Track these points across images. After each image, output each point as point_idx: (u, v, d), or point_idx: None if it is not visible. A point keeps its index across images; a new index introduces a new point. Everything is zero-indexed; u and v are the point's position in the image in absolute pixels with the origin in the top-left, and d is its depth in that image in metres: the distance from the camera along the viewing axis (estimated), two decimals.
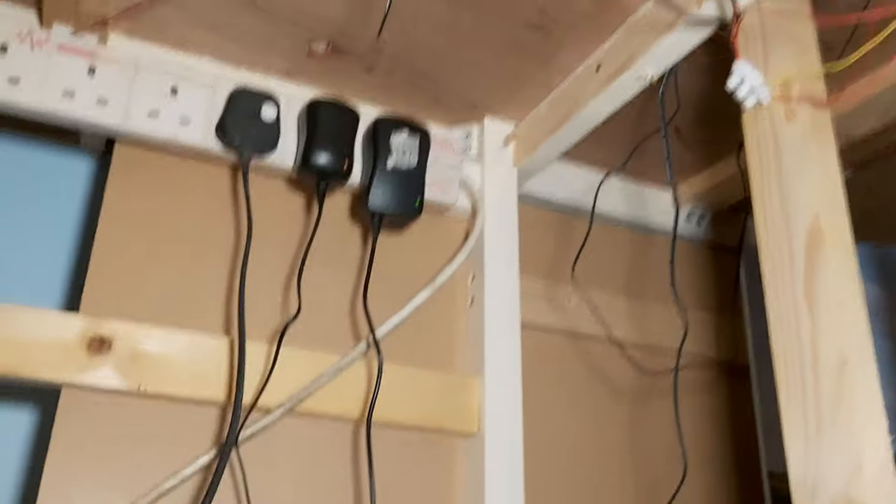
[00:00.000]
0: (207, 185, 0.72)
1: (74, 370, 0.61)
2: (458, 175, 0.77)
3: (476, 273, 0.77)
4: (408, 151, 0.72)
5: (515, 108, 0.79)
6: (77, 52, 0.65)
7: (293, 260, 0.73)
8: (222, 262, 0.71)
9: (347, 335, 0.73)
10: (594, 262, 0.90)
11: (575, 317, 0.86)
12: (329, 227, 0.75)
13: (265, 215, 0.73)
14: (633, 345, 0.88)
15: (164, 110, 0.67)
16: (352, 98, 0.78)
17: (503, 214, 0.79)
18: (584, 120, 0.71)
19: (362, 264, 0.76)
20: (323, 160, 0.68)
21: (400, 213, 0.71)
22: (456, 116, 0.81)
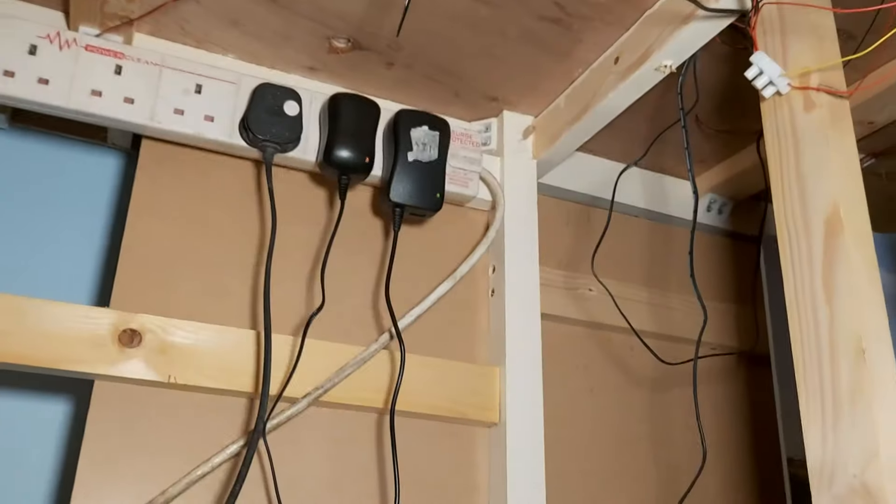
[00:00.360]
0: (232, 179, 0.73)
1: (107, 363, 0.62)
2: (478, 168, 0.78)
3: (496, 264, 0.78)
4: (428, 145, 0.72)
5: (534, 101, 0.79)
6: (104, 52, 0.66)
7: (317, 253, 0.74)
8: (248, 256, 0.71)
9: (370, 326, 0.74)
10: (614, 253, 0.90)
11: (595, 307, 0.86)
12: (351, 221, 0.76)
13: (289, 209, 0.74)
14: (653, 334, 0.88)
15: (189, 108, 0.68)
16: (372, 93, 0.78)
17: (523, 206, 0.79)
18: (603, 112, 0.71)
19: (384, 257, 0.76)
20: (345, 154, 0.69)
21: (421, 206, 0.71)
22: (475, 110, 0.81)
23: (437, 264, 0.78)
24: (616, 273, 0.89)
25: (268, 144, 0.69)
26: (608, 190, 0.86)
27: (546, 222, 0.82)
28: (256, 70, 0.75)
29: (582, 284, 0.87)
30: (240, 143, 0.70)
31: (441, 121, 0.74)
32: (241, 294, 0.70)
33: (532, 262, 0.77)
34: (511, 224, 0.78)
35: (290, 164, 0.73)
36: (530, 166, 0.81)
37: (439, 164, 0.72)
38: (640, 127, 0.85)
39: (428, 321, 0.75)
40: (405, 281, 0.76)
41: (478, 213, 0.82)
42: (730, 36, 0.65)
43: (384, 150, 0.73)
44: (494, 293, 0.77)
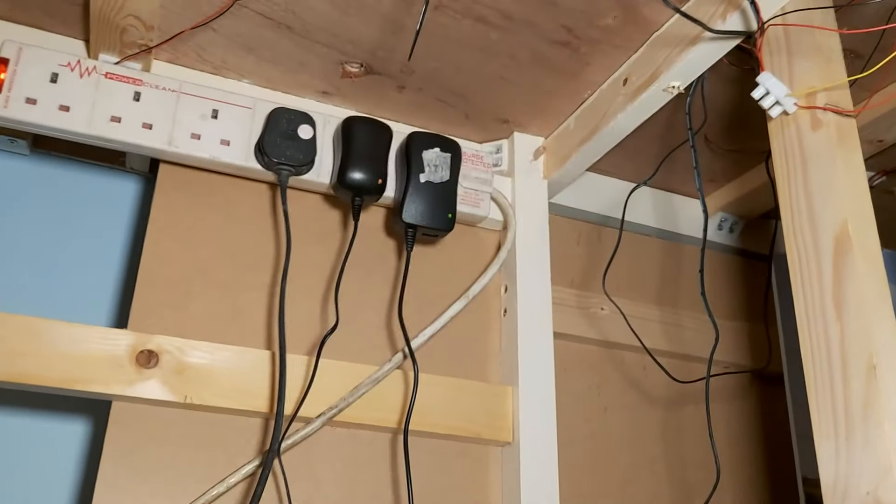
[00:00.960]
0: (248, 202, 0.74)
1: (124, 383, 0.63)
2: (490, 188, 0.78)
3: (509, 284, 0.78)
4: (440, 166, 0.73)
5: (544, 122, 0.80)
6: (123, 79, 0.67)
7: (331, 273, 0.74)
8: (263, 277, 0.72)
9: (384, 346, 0.74)
10: (625, 272, 0.90)
11: (607, 326, 0.86)
12: (365, 241, 0.76)
13: (303, 230, 0.74)
14: (666, 353, 0.88)
15: (205, 132, 0.69)
16: (385, 116, 0.79)
17: (534, 226, 0.79)
18: (613, 132, 0.72)
19: (397, 277, 0.77)
20: (358, 176, 0.69)
21: (433, 227, 0.71)
22: (486, 132, 0.82)
23: (450, 284, 0.78)
24: (628, 292, 0.89)
25: (283, 167, 0.69)
26: (619, 209, 0.87)
27: (557, 242, 0.82)
28: (271, 95, 0.76)
29: (594, 303, 0.87)
30: (255, 166, 0.70)
31: (452, 142, 0.74)
32: (257, 314, 0.71)
33: (544, 281, 0.77)
34: (523, 244, 0.78)
35: (304, 186, 0.74)
36: (541, 186, 0.81)
37: (451, 185, 0.73)
38: (649, 147, 0.85)
39: (441, 341, 0.75)
40: (418, 301, 0.76)
41: (489, 233, 0.82)
42: (737, 57, 0.65)
43: (397, 171, 0.74)
44: (507, 312, 0.78)
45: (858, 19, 0.62)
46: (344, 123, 0.72)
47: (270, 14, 0.66)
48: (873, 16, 0.63)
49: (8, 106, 0.64)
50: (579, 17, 0.65)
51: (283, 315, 0.64)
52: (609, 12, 0.64)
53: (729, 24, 0.58)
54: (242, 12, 0.66)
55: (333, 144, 0.73)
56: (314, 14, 0.66)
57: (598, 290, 0.86)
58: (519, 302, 0.75)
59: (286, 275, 0.65)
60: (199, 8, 0.65)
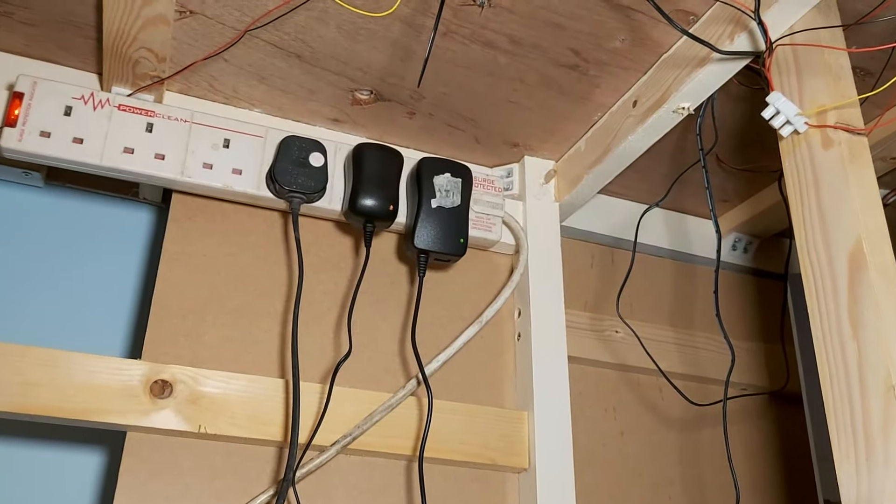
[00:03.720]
0: (260, 230, 0.74)
1: (139, 413, 0.63)
2: (501, 212, 0.78)
3: (522, 308, 0.78)
4: (451, 191, 0.73)
5: (554, 145, 0.80)
6: (135, 111, 0.68)
7: (343, 300, 0.75)
8: (276, 304, 0.72)
9: (397, 373, 0.74)
10: (639, 294, 0.90)
11: (622, 349, 0.86)
12: (377, 268, 0.77)
13: (315, 258, 0.75)
14: (682, 375, 0.87)
15: (217, 161, 0.69)
16: (395, 142, 0.80)
17: (546, 249, 0.79)
18: (624, 154, 0.72)
19: (410, 303, 0.77)
20: (369, 203, 0.70)
21: (445, 252, 0.71)
22: (496, 156, 0.82)
23: (463, 309, 0.79)
24: (642, 314, 0.90)
25: (294, 195, 0.70)
26: (631, 231, 0.87)
27: (570, 265, 0.83)
28: (282, 123, 0.76)
29: (608, 326, 0.87)
30: (267, 194, 0.71)
31: (463, 167, 0.75)
32: (270, 343, 0.71)
33: (557, 304, 0.77)
34: (535, 267, 0.78)
35: (316, 213, 0.74)
36: (553, 209, 0.82)
37: (462, 210, 0.73)
38: (660, 168, 0.85)
39: (455, 366, 0.75)
40: (431, 326, 0.76)
41: (502, 257, 0.83)
42: (746, 76, 0.66)
43: (408, 197, 0.74)
44: (521, 337, 0.78)
45: (868, 37, 0.62)
46: (355, 150, 0.72)
47: (280, 43, 0.67)
48: (882, 33, 0.63)
49: (23, 139, 0.64)
50: (587, 40, 0.65)
51: (296, 342, 0.64)
52: (617, 35, 0.65)
53: (737, 44, 0.59)
54: (253, 42, 0.67)
55: (344, 171, 0.73)
56: (323, 42, 0.67)
57: (612, 312, 0.86)
58: (533, 326, 0.75)
59: (299, 302, 0.66)
60: (210, 39, 0.66)
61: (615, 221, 0.90)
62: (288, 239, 0.75)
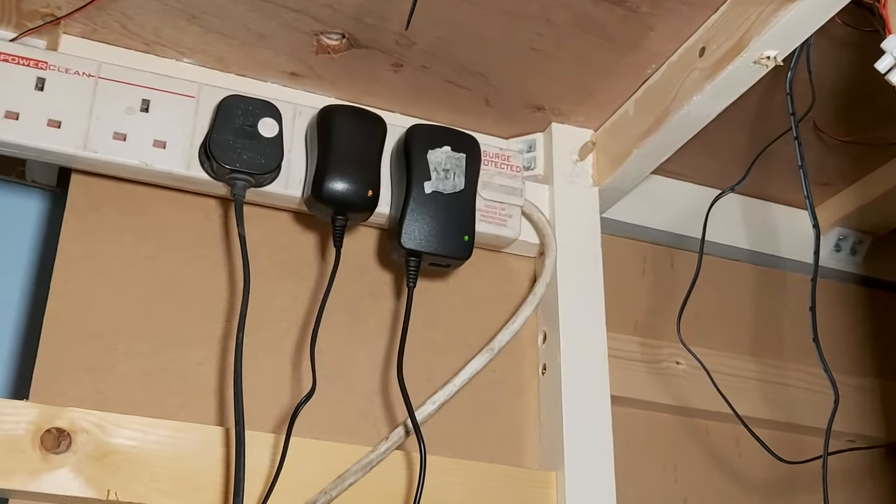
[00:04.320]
0: (191, 224, 0.74)
1: (25, 474, 0.62)
2: (520, 200, 0.78)
3: (548, 331, 0.79)
4: (451, 171, 0.73)
5: (593, 108, 0.80)
6: (21, 61, 0.67)
7: (305, 320, 0.75)
8: (213, 327, 0.72)
9: (378, 419, 0.74)
10: (708, 311, 0.91)
11: (685, 386, 0.87)
12: (351, 276, 0.77)
13: (267, 262, 0.75)
14: (766, 422, 0.88)
15: (133, 131, 0.69)
16: (375, 104, 0.79)
17: (582, 251, 0.80)
18: (687, 121, 0.72)
19: (396, 323, 0.77)
20: (340, 187, 0.70)
21: (444, 254, 0.71)
22: (513, 123, 0.83)
23: (468, 332, 0.79)
24: (712, 339, 0.90)
25: (238, 176, 0.69)
26: (697, 225, 0.86)
27: (615, 272, 0.83)
28: (222, 78, 0.76)
29: (666, 355, 0.87)
30: (201, 175, 0.70)
31: (468, 139, 0.75)
32: (205, 378, 0.71)
33: (597, 326, 0.78)
34: (567, 275, 0.78)
35: (267, 201, 0.74)
36: (591, 196, 0.82)
37: (467, 197, 0.73)
38: (737, 140, 0.86)
39: (456, 410, 0.75)
40: (425, 355, 0.77)
41: (521, 260, 0.83)
42: (853, 15, 0.66)
43: (393, 179, 0.74)
44: (546, 370, 0.78)
45: None
46: (320, 116, 0.72)
47: None
48: None
49: None
50: None
51: (239, 378, 0.63)
52: None
53: None
54: None
55: (306, 144, 0.73)
56: None
57: (672, 336, 0.85)
58: (563, 355, 0.76)
59: (244, 323, 0.65)
60: None
61: (675, 212, 0.91)
62: (230, 237, 0.75)
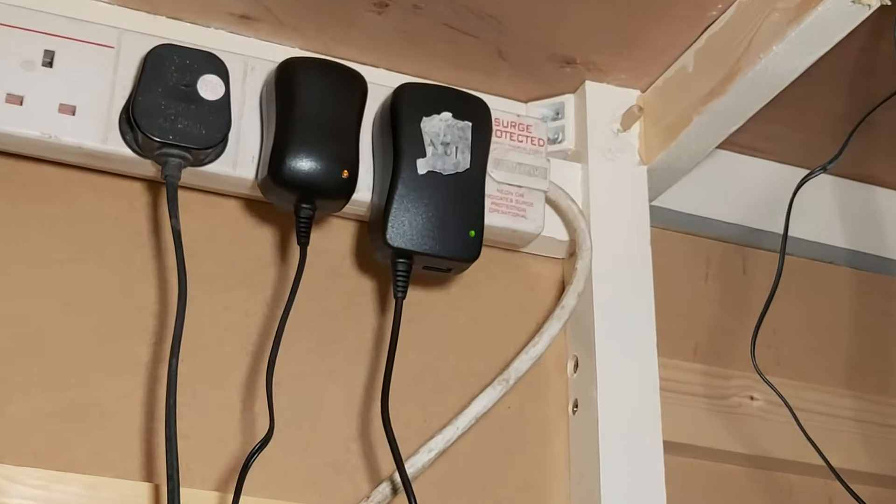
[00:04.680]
0: (109, 215, 0.74)
1: None
2: (544, 184, 0.78)
3: (581, 356, 0.79)
4: (453, 145, 0.72)
5: (639, 63, 0.81)
6: None
7: (259, 341, 0.74)
8: (137, 349, 0.72)
9: (357, 471, 0.74)
10: (791, 330, 0.91)
11: (761, 429, 0.86)
12: (320, 283, 0.77)
13: (211, 265, 0.75)
14: (869, 476, 0.88)
15: (32, 92, 0.69)
16: (352, 57, 0.80)
17: (626, 250, 0.80)
18: (763, 79, 0.72)
19: (379, 346, 0.77)
20: (306, 166, 0.69)
21: (442, 255, 0.71)
22: (535, 82, 0.83)
23: (474, 357, 0.79)
24: (797, 367, 0.91)
25: (171, 152, 0.69)
26: (777, 216, 0.86)
27: (669, 278, 0.84)
28: (150, 23, 0.76)
29: (736, 388, 0.87)
30: (122, 150, 0.70)
31: (474, 103, 0.75)
32: (128, 418, 0.70)
33: (645, 350, 0.78)
34: (606, 283, 0.79)
35: (210, 185, 0.74)
36: (637, 179, 0.82)
37: (473, 180, 0.73)
38: (830, 105, 0.86)
39: (459, 461, 0.75)
40: (418, 389, 0.77)
41: (545, 263, 0.84)
42: None
43: (375, 156, 0.75)
44: (578, 408, 0.78)
45: None
46: (280, 72, 0.72)
47: None
48: None
49: None
50: None
51: (173, 418, 0.62)
52: None
53: None
54: None
55: (261, 110, 0.73)
56: None
57: (744, 364, 0.84)
58: (600, 389, 0.76)
59: (178, 346, 0.64)
60: None
61: (748, 199, 0.92)
62: (160, 232, 0.75)
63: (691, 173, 0.83)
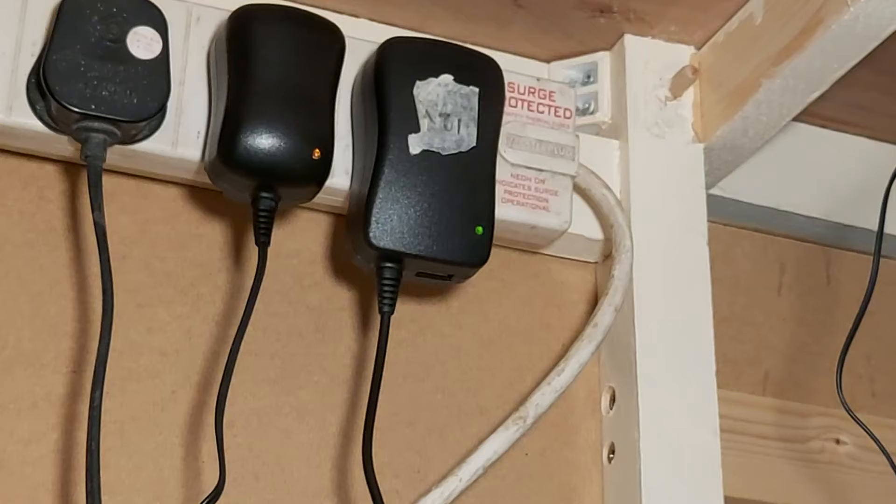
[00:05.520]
0: (15, 206, 0.75)
1: None
2: (572, 167, 0.79)
3: (619, 388, 0.80)
4: (455, 117, 0.73)
5: (693, 11, 0.83)
6: None
7: (206, 368, 0.75)
8: (50, 378, 0.72)
9: None
10: (889, 354, 0.91)
11: (849, 481, 0.87)
12: (284, 294, 0.78)
13: (143, 270, 0.76)
14: None
15: None
16: (325, 4, 0.80)
17: (676, 253, 0.82)
18: (852, 33, 0.73)
19: (360, 375, 0.78)
20: (266, 144, 0.70)
21: (441, 258, 0.72)
22: (560, 35, 0.83)
23: (483, 389, 0.81)
24: None
25: (93, 126, 0.69)
26: (871, 209, 0.86)
27: (732, 288, 0.84)
28: None
29: (819, 430, 0.89)
30: (31, 123, 0.71)
31: (482, 62, 0.76)
32: (37, 466, 0.70)
33: (701, 380, 0.79)
34: (650, 294, 0.80)
35: (144, 167, 0.76)
36: (691, 160, 0.84)
37: (481, 161, 0.74)
38: None
39: None
40: (410, 429, 0.78)
41: (573, 268, 0.86)
42: None
43: (355, 131, 0.76)
44: (615, 454, 0.79)
45: None
46: (234, 23, 0.73)
47: None
48: None
49: None
50: None
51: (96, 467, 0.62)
52: None
53: None
54: None
55: (209, 72, 0.75)
56: None
57: (828, 397, 0.86)
58: (643, 429, 0.77)
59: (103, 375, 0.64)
60: None
61: (834, 187, 0.92)
62: (79, 227, 0.75)
63: (761, 153, 0.84)
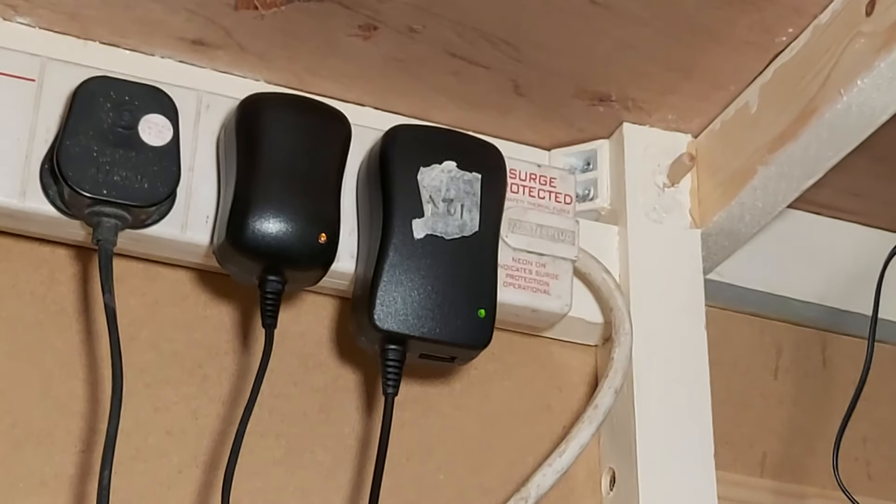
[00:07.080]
0: (27, 289, 0.75)
1: None
2: (572, 251, 0.79)
3: (619, 470, 0.79)
4: (458, 203, 0.73)
5: (690, 100, 0.83)
6: None
7: (212, 449, 0.75)
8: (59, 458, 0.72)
9: None
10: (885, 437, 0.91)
11: None
12: (289, 375, 0.78)
13: (152, 352, 0.76)
14: None
15: None
16: (332, 93, 0.81)
17: (675, 336, 0.82)
18: (847, 121, 0.73)
19: (364, 455, 0.78)
20: (273, 229, 0.70)
21: (444, 340, 0.72)
22: (561, 124, 0.84)
23: (485, 470, 0.80)
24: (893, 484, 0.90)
25: (105, 211, 0.69)
26: (865, 294, 0.85)
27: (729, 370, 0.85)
28: (80, 49, 0.78)
29: None
30: (44, 208, 0.71)
31: (485, 150, 0.77)
32: None
33: (701, 461, 0.79)
34: (650, 376, 0.80)
35: (154, 251, 0.75)
36: (689, 246, 0.84)
37: (484, 246, 0.74)
38: None
39: None
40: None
41: (573, 351, 0.85)
42: None
43: (361, 216, 0.76)
44: None
45: None
46: (243, 111, 0.73)
47: None
48: None
49: None
50: None
51: None
52: None
53: None
54: None
55: (219, 158, 0.75)
56: None
57: (825, 479, 0.85)
58: None
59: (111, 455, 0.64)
60: None
61: (829, 273, 0.93)
62: (90, 310, 0.75)
63: (757, 239, 0.84)
